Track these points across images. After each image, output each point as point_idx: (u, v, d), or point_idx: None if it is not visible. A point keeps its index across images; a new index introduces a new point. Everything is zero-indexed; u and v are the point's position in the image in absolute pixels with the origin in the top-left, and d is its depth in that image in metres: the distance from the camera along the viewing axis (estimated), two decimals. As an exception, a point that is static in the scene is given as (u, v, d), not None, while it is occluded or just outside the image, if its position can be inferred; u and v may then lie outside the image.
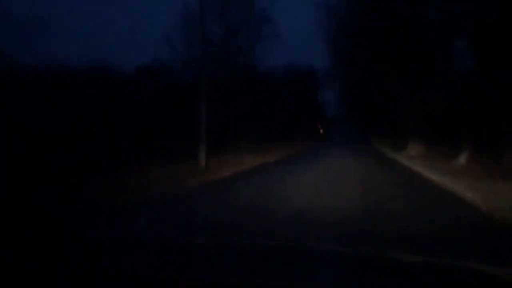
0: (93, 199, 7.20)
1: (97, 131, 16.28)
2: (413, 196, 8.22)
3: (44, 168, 10.47)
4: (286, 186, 9.64)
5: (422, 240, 4.53)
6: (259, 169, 14.30)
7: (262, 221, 5.64)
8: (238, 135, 24.70)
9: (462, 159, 14.16)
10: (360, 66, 23.40)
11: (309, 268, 1.61)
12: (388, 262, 1.72)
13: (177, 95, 22.97)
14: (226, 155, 17.99)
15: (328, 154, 23.11)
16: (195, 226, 5.48)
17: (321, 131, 58.04)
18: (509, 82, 12.83)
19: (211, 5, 23.33)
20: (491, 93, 14.05)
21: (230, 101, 24.41)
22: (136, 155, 14.81)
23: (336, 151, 25.97)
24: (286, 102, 41.97)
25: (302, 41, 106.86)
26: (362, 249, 2.82)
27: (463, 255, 3.77)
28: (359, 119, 58.75)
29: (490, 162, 13.04)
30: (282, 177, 11.55)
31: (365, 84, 26.38)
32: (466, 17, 15.49)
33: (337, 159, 18.46)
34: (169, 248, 1.85)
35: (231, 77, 25.65)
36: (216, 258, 1.72)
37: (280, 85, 41.28)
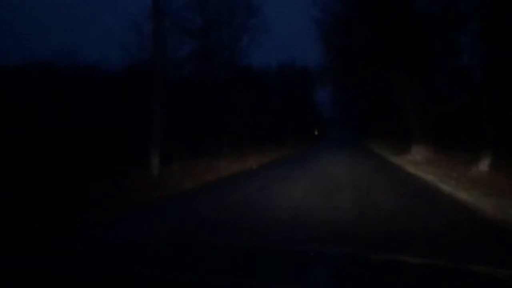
0: None
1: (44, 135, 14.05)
2: (451, 238, 4.66)
3: None
4: (260, 206, 6.98)
5: None
6: (232, 179, 11.59)
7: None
8: (221, 137, 22.05)
9: (484, 165, 11.52)
10: (361, 64, 21.33)
11: (308, 271, 1.51)
12: (389, 265, 1.66)
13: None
14: (200, 161, 15.23)
15: (322, 158, 20.42)
16: None
17: (316, 132, 55.50)
18: None
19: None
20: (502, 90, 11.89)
21: (213, 101, 21.81)
22: (89, 162, 12.32)
23: (331, 155, 23.27)
24: (279, 102, 39.53)
25: (297, 40, 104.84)
26: (362, 252, 2.22)
27: None
28: (356, 119, 56.24)
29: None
30: (257, 193, 8.86)
31: (364, 82, 24.19)
32: (470, 12, 13.97)
33: (331, 167, 15.62)
34: (167, 249, 1.82)
35: (217, 73, 23.10)
36: (214, 260, 1.66)
37: (273, 83, 38.84)
